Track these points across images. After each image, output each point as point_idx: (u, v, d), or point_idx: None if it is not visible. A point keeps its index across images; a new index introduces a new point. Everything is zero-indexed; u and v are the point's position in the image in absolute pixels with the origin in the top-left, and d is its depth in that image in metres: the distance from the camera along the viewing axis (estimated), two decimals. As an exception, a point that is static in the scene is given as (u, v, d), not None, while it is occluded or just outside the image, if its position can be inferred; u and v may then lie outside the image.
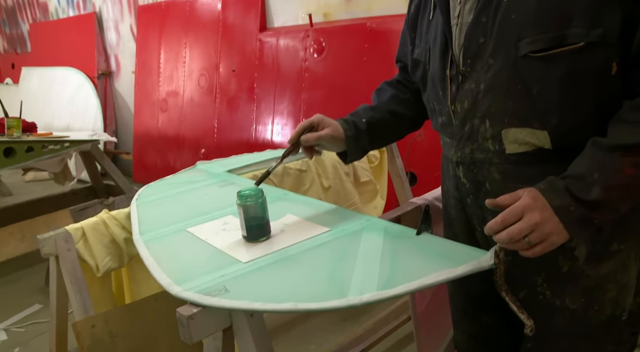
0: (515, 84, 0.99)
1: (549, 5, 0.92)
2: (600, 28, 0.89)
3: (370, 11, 3.34)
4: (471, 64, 1.05)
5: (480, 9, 1.01)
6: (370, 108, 1.33)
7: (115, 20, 5.65)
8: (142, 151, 5.27)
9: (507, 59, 0.98)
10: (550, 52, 0.93)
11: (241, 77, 4.15)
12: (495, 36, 0.99)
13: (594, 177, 0.89)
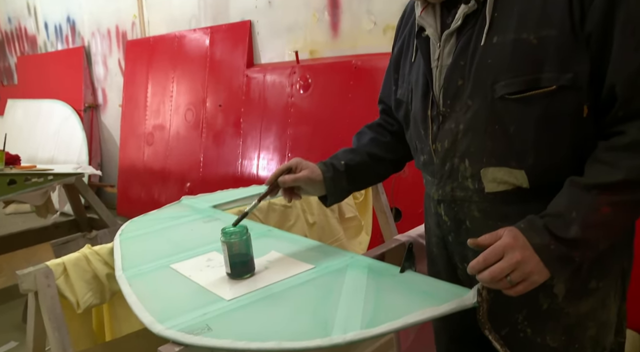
0: (492, 124, 1.02)
1: (523, 51, 0.96)
2: (570, 73, 0.94)
3: (356, 49, 3.42)
4: (451, 105, 1.08)
5: (458, 53, 1.05)
6: (349, 151, 1.35)
7: (104, 54, 5.70)
8: (127, 184, 5.24)
9: (484, 101, 1.02)
10: (525, 94, 0.97)
11: (228, 112, 4.18)
12: (472, 79, 1.03)
13: (572, 216, 0.91)
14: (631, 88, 0.91)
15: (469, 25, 1.04)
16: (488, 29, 1.00)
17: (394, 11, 3.16)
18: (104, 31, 5.63)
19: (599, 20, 0.92)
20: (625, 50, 0.91)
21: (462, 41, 1.05)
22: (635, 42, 0.90)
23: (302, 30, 3.73)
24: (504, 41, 0.98)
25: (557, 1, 0.94)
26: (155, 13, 4.99)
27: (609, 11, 0.91)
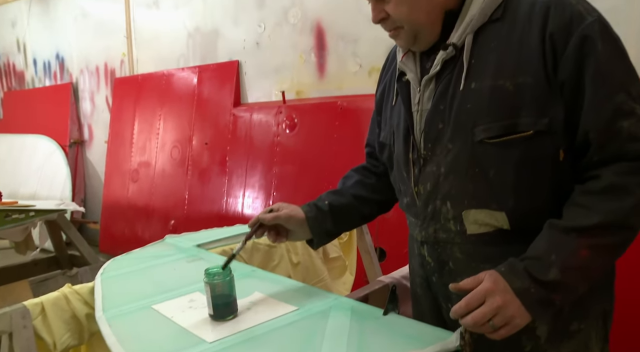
0: (473, 167, 1.04)
1: (500, 97, 1.00)
2: (546, 118, 0.97)
3: (342, 90, 3.48)
4: (432, 148, 1.10)
5: (437, 97, 1.08)
6: (333, 192, 1.36)
7: (92, 90, 5.73)
8: (110, 221, 5.19)
9: (464, 144, 1.04)
10: (503, 138, 1.00)
11: (214, 150, 4.20)
12: (452, 123, 1.05)
13: (552, 259, 0.92)
14: (604, 135, 0.94)
15: (447, 70, 1.07)
16: (466, 75, 1.03)
17: (379, 54, 3.24)
18: (92, 68, 5.67)
19: (571, 70, 0.95)
20: (598, 99, 0.94)
21: (441, 86, 1.08)
22: (607, 90, 0.94)
23: (289, 71, 3.80)
24: (482, 87, 1.01)
25: (532, 50, 0.97)
26: (144, 51, 5.05)
27: (581, 61, 0.95)
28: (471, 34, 1.04)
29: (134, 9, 5.08)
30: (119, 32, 5.23)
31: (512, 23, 1.01)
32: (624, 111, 0.93)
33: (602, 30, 0.96)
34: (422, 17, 1.07)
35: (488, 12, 1.04)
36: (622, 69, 0.96)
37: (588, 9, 0.98)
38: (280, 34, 3.82)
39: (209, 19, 4.36)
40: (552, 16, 0.97)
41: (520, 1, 1.03)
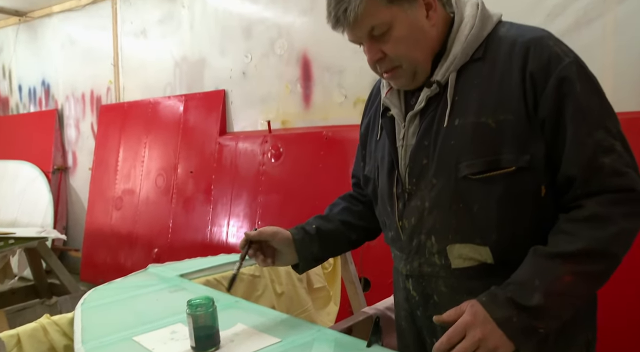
0: (457, 202, 1.06)
1: (483, 134, 1.02)
2: (527, 155, 1.00)
3: (327, 120, 3.52)
4: (416, 183, 1.11)
5: (422, 133, 1.10)
6: (320, 217, 1.37)
7: (77, 117, 5.72)
8: (92, 249, 5.12)
9: (448, 180, 1.06)
10: (486, 174, 1.02)
11: (199, 178, 4.20)
12: (437, 159, 1.07)
13: (535, 284, 0.94)
14: (588, 171, 0.97)
15: (431, 107, 1.10)
16: (450, 112, 1.06)
17: (364, 85, 3.29)
18: (78, 95, 5.67)
19: (551, 109, 0.99)
20: (579, 136, 0.97)
21: (426, 122, 1.10)
22: (587, 128, 0.97)
23: (275, 100, 3.84)
24: (465, 124, 1.04)
25: (512, 89, 1.01)
26: (131, 79, 5.08)
27: (560, 100, 0.98)
28: (454, 72, 1.07)
29: (122, 38, 5.11)
30: (106, 59, 5.25)
31: (493, 62, 1.05)
32: (604, 148, 0.97)
33: (579, 71, 1.00)
34: (419, 55, 1.09)
35: (470, 52, 1.07)
36: (599, 107, 1.00)
37: (565, 50, 1.02)
38: (267, 64, 3.87)
39: (196, 49, 4.41)
40: (531, 57, 1.00)
41: (500, 41, 1.06)
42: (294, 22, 3.71)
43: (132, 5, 4.97)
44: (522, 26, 1.10)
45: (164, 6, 4.64)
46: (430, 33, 1.08)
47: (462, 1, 1.13)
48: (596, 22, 2.53)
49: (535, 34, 1.04)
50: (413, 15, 1.05)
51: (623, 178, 0.97)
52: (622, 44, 2.45)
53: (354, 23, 1.04)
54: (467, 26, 1.08)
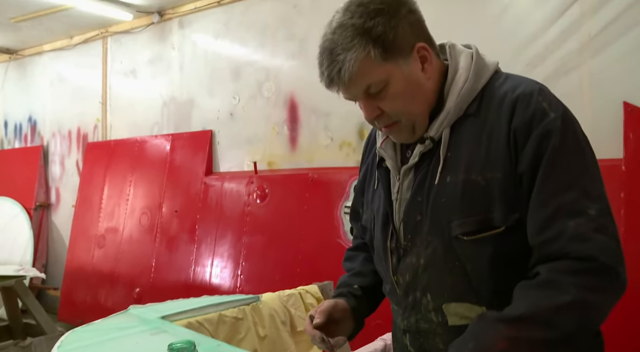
0: (452, 261, 1.03)
1: (473, 191, 1.00)
2: (517, 213, 0.97)
3: (312, 162, 3.56)
4: (411, 240, 1.08)
5: (415, 189, 1.07)
6: (352, 275, 1.31)
7: (62, 154, 5.71)
8: (71, 287, 5.02)
9: (442, 238, 1.03)
10: (477, 236, 0.99)
11: (183, 217, 4.18)
12: (430, 216, 1.04)
13: (468, 346, 0.92)
14: (547, 233, 0.93)
15: (425, 162, 1.07)
16: (442, 169, 1.03)
17: (350, 128, 3.36)
18: (64, 132, 5.68)
19: (527, 165, 0.96)
20: (544, 195, 0.94)
21: (419, 177, 1.07)
22: (555, 187, 0.94)
23: (261, 142, 3.88)
24: (456, 181, 1.01)
25: (500, 146, 0.98)
26: (119, 118, 5.11)
27: (537, 157, 0.95)
28: (448, 128, 1.05)
29: (111, 77, 5.18)
30: (95, 98, 5.29)
31: (484, 117, 1.02)
32: (570, 210, 0.92)
33: (564, 127, 0.96)
34: (417, 109, 1.06)
35: (463, 106, 1.04)
36: (578, 166, 0.95)
37: (553, 105, 0.98)
38: (254, 105, 3.94)
39: (184, 89, 4.47)
40: (517, 111, 0.98)
41: (493, 95, 1.03)
42: (282, 65, 3.80)
43: (122, 45, 5.05)
44: (517, 79, 1.06)
45: (155, 47, 4.73)
46: (427, 86, 1.06)
47: (457, 49, 1.11)
48: (573, 73, 2.63)
49: (526, 89, 1.00)
50: (408, 70, 1.03)
51: (586, 244, 0.90)
52: (598, 94, 2.55)
53: (349, 83, 1.01)
54: (461, 79, 1.06)
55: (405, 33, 1.01)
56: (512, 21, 2.80)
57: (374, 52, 0.98)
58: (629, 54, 2.50)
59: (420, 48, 1.04)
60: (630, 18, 2.49)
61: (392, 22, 1.00)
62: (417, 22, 1.05)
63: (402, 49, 1.01)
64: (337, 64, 0.99)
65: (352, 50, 0.98)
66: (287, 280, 3.22)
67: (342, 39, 0.99)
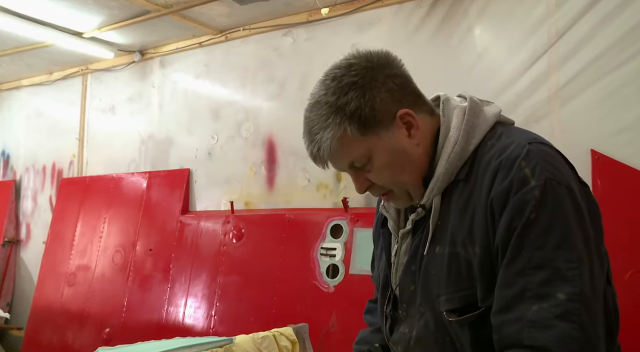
0: (443, 336, 0.98)
1: (459, 266, 0.94)
2: None
3: (290, 203, 3.58)
4: (407, 309, 1.05)
5: (410, 256, 1.04)
6: (372, 331, 1.28)
7: (35, 189, 5.61)
8: (37, 327, 4.86)
9: (432, 312, 0.99)
10: (459, 318, 0.94)
11: (158, 256, 4.13)
12: (421, 288, 1.01)
13: None
14: (506, 315, 0.86)
15: (419, 229, 1.03)
16: (431, 239, 0.99)
17: (328, 171, 3.37)
18: (39, 167, 5.60)
19: (500, 237, 0.88)
20: (509, 274, 0.87)
21: (414, 245, 1.03)
22: (522, 266, 0.86)
23: (239, 182, 3.90)
24: (443, 253, 0.97)
25: (479, 217, 0.92)
26: (95, 154, 5.08)
27: (509, 231, 0.87)
28: (438, 195, 1.00)
29: (89, 113, 5.17)
30: (72, 133, 5.26)
31: (472, 185, 0.96)
32: (537, 293, 0.83)
33: (543, 197, 0.86)
34: (407, 178, 1.01)
35: (453, 172, 0.98)
36: (554, 244, 0.85)
37: (538, 171, 0.88)
38: (233, 145, 3.97)
39: (163, 127, 4.49)
40: (497, 180, 0.90)
41: (483, 158, 0.96)
42: (261, 106, 3.86)
43: (102, 82, 5.07)
44: (511, 136, 0.96)
45: (135, 85, 4.76)
46: (416, 153, 1.00)
47: (451, 105, 1.04)
48: (544, 120, 2.73)
49: (512, 153, 0.91)
50: (392, 140, 0.98)
51: (543, 332, 0.81)
52: (567, 141, 2.64)
53: (331, 160, 0.99)
54: (451, 141, 0.99)
55: (383, 103, 0.96)
56: (485, 71, 2.91)
57: (350, 129, 0.95)
58: (595, 103, 2.61)
59: (404, 114, 0.98)
60: (596, 70, 2.61)
61: (367, 95, 0.95)
62: (400, 87, 0.99)
63: (382, 120, 0.97)
64: (316, 144, 0.97)
65: (328, 130, 0.95)
66: (262, 321, 3.18)
67: (318, 118, 0.97)
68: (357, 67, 0.97)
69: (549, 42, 2.73)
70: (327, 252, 3.20)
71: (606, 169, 2.53)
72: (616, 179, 2.51)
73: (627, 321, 0.88)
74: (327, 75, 0.99)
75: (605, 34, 2.58)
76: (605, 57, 2.58)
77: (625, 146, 2.52)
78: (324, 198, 3.44)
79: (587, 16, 2.63)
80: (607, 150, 2.55)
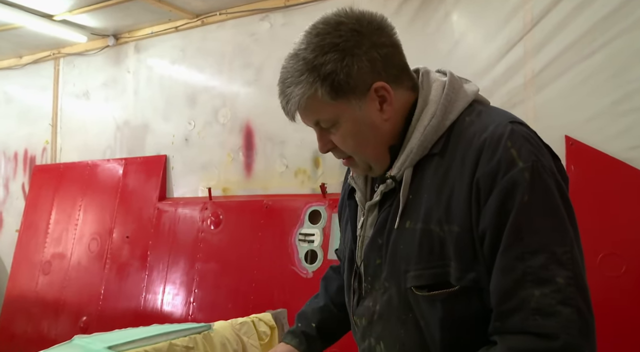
0: (406, 312, 0.97)
1: (431, 243, 0.93)
2: (473, 272, 0.89)
3: (267, 189, 3.57)
4: (371, 282, 1.04)
5: (377, 229, 1.02)
6: (318, 310, 1.30)
7: (7, 177, 5.49)
8: (11, 317, 4.79)
9: (398, 288, 0.97)
10: (430, 293, 0.92)
11: (135, 244, 4.09)
12: (388, 262, 0.99)
13: None
14: (508, 302, 0.85)
15: (388, 201, 1.01)
16: (402, 213, 0.97)
17: (305, 156, 3.40)
18: (10, 154, 5.48)
19: (489, 223, 0.87)
20: (507, 259, 0.86)
21: (381, 218, 1.01)
22: (520, 250, 0.85)
23: (216, 168, 3.87)
24: (415, 229, 0.95)
25: (461, 197, 0.90)
26: (69, 141, 4.98)
27: (500, 214, 0.86)
28: (410, 168, 0.97)
29: (63, 98, 5.06)
30: (44, 119, 5.15)
31: (449, 161, 0.94)
32: (537, 277, 0.83)
33: (532, 180, 0.85)
34: (369, 151, 1.00)
35: (428, 145, 0.96)
36: (548, 228, 0.85)
37: (524, 152, 0.87)
38: (210, 132, 3.93)
39: (139, 113, 4.42)
40: (482, 160, 0.88)
41: (461, 134, 0.94)
42: (238, 92, 3.82)
43: (75, 67, 4.96)
44: (492, 115, 0.96)
45: (109, 70, 4.67)
46: (383, 128, 0.99)
47: (431, 79, 1.01)
48: (519, 107, 2.76)
49: (495, 131, 0.90)
50: (362, 111, 0.96)
51: (549, 319, 0.82)
52: (542, 127, 2.65)
53: (299, 114, 0.99)
54: (428, 114, 0.97)
55: (361, 72, 0.94)
56: (462, 57, 2.92)
57: (321, 91, 0.93)
58: (569, 90, 2.65)
59: (379, 88, 0.95)
60: (570, 57, 2.64)
61: (346, 60, 0.92)
62: (384, 58, 0.96)
63: (355, 89, 0.94)
64: (286, 96, 0.97)
65: (300, 86, 0.94)
66: (241, 308, 3.19)
67: (293, 72, 0.95)
68: (345, 28, 0.94)
69: (525, 29, 2.76)
70: (305, 238, 3.21)
71: (580, 155, 2.58)
72: (589, 164, 2.56)
73: (599, 305, 0.89)
74: (313, 29, 0.96)
75: (578, 23, 2.61)
76: (578, 45, 2.61)
77: (597, 132, 2.56)
78: (302, 184, 3.44)
79: (560, 4, 2.66)
80: (580, 136, 2.59)
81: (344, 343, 1.33)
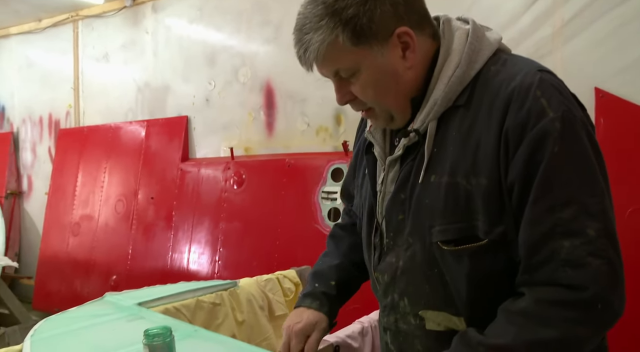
0: (430, 268, 0.96)
1: (457, 196, 0.90)
2: (501, 226, 0.88)
3: (289, 148, 3.56)
4: (394, 238, 1.02)
5: (399, 184, 0.99)
6: (335, 267, 1.26)
7: (33, 141, 5.59)
8: (46, 276, 4.96)
9: (422, 243, 0.95)
10: (457, 248, 0.91)
11: (160, 204, 4.15)
12: (412, 217, 0.97)
13: None
14: (537, 253, 0.84)
15: (411, 156, 0.98)
16: (426, 167, 0.94)
17: (327, 114, 3.36)
18: (35, 119, 5.56)
19: (519, 174, 0.85)
20: (537, 211, 0.84)
21: (404, 172, 0.98)
22: (550, 202, 0.83)
23: (237, 128, 3.86)
24: (440, 182, 0.92)
25: (488, 149, 0.88)
26: (92, 104, 5.02)
27: (530, 164, 0.84)
28: (434, 121, 0.94)
29: (83, 61, 5.07)
30: (66, 83, 5.18)
31: (476, 111, 0.90)
32: (567, 228, 0.82)
33: (563, 130, 0.83)
34: (391, 101, 0.97)
35: (452, 97, 0.93)
36: (578, 178, 0.83)
37: (554, 102, 0.84)
38: (230, 91, 3.90)
39: (159, 75, 4.41)
40: (510, 110, 0.86)
41: (487, 84, 0.91)
42: (257, 50, 3.77)
43: (94, 30, 4.94)
44: (518, 64, 0.92)
45: (127, 32, 4.64)
46: (406, 77, 0.94)
47: (453, 27, 0.97)
48: (547, 58, 2.66)
49: (523, 81, 0.86)
50: (384, 57, 0.92)
51: (578, 271, 0.81)
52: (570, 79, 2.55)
53: (316, 64, 0.94)
54: (452, 65, 0.93)
55: (384, 16, 0.89)
56: (486, 8, 2.81)
57: (342, 37, 0.89)
58: (599, 40, 2.54)
59: (402, 33, 0.91)
60: (601, 5, 2.52)
61: (369, 3, 0.88)
62: (406, 2, 0.92)
63: (377, 34, 0.90)
64: (304, 44, 0.91)
65: (319, 32, 0.90)
66: (265, 266, 3.23)
67: (312, 17, 0.90)
68: None
69: (554, -25, 2.63)
70: (328, 196, 3.20)
71: (610, 107, 2.49)
72: (620, 116, 2.47)
73: (626, 260, 0.87)
74: None
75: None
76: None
77: (629, 84, 2.47)
78: (324, 142, 3.41)
79: (593, -53, 2.52)
80: (610, 88, 2.50)
81: (363, 298, 1.32)
